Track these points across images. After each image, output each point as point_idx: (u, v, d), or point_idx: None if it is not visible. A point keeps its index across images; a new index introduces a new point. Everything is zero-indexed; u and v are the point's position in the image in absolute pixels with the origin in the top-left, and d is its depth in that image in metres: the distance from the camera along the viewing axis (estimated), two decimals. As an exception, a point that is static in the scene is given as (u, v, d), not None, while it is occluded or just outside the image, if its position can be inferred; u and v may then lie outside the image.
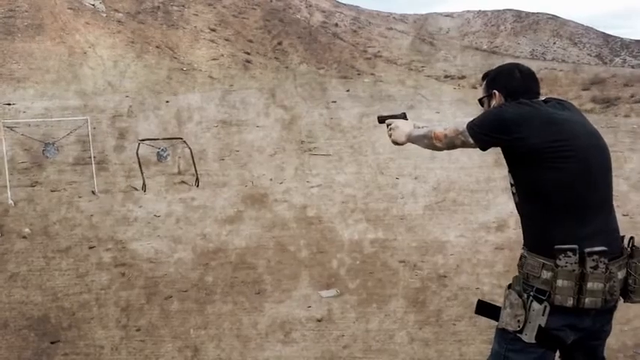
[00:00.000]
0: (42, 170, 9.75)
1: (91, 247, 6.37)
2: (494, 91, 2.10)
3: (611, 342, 3.50)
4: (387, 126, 2.46)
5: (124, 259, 5.99)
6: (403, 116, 2.48)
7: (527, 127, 1.87)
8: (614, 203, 2.01)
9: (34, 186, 8.85)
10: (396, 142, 2.41)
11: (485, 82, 2.19)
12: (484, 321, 3.35)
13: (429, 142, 2.18)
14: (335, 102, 17.02)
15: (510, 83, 2.07)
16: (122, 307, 4.71)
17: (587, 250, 1.80)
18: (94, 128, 11.67)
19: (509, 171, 2.00)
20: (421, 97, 18.65)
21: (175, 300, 4.85)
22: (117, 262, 5.89)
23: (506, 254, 5.92)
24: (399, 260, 5.86)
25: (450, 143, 2.09)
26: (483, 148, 2.01)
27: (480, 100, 2.21)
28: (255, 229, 7.14)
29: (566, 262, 1.81)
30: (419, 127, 2.31)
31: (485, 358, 2.12)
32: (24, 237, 6.65)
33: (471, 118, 2.03)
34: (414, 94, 18.94)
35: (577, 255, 1.80)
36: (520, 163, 1.93)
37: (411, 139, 2.32)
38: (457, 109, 16.90)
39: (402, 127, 2.38)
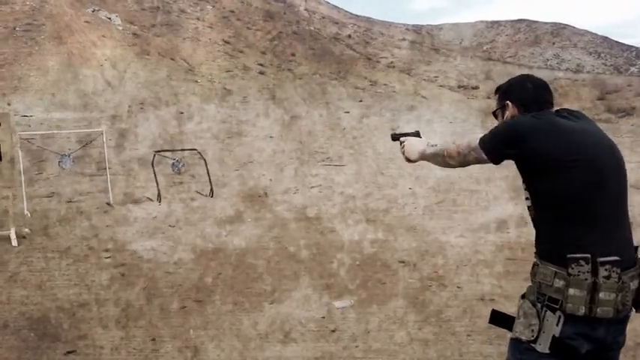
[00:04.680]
0: (52, 180, 9.73)
1: (90, 248, 6.37)
2: (508, 102, 2.12)
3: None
4: (400, 143, 2.49)
5: (124, 259, 5.99)
6: (416, 134, 2.53)
7: (539, 139, 1.88)
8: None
9: (50, 196, 8.84)
10: (408, 160, 2.44)
11: (498, 95, 2.22)
12: (484, 321, 3.35)
13: (442, 159, 2.20)
14: (348, 112, 16.97)
15: (523, 94, 2.10)
16: (122, 307, 4.71)
17: (600, 259, 1.80)
18: (110, 139, 11.67)
19: (524, 183, 2.01)
20: (421, 98, 18.67)
21: (175, 300, 4.85)
22: (117, 262, 5.89)
23: (507, 254, 5.93)
24: (398, 260, 5.86)
25: (463, 160, 2.11)
26: (496, 162, 2.02)
27: (494, 113, 2.24)
28: (255, 229, 7.14)
29: (579, 271, 1.80)
30: (432, 145, 2.33)
31: (485, 358, 2.11)
32: (23, 237, 6.65)
33: (481, 134, 2.04)
34: (414, 98, 18.99)
35: (590, 264, 1.79)
36: (532, 175, 1.94)
37: (424, 157, 2.35)
38: (458, 112, 16.93)
39: (415, 145, 2.41)
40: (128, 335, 4.18)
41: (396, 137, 2.58)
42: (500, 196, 8.29)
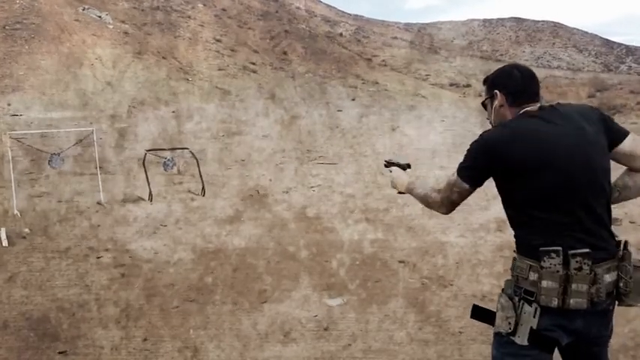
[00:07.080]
0: (47, 179, 9.72)
1: (90, 248, 6.37)
2: (496, 91, 2.13)
3: (612, 342, 3.50)
4: (390, 172, 2.59)
5: (124, 259, 5.99)
6: (407, 166, 2.63)
7: (507, 150, 1.93)
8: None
9: (41, 196, 8.83)
10: (395, 188, 2.53)
11: (486, 85, 2.23)
12: (484, 321, 3.34)
13: (429, 206, 2.23)
14: (341, 111, 16.95)
15: (510, 83, 2.11)
16: (122, 307, 4.70)
17: (571, 252, 1.84)
18: (101, 138, 11.66)
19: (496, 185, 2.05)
20: (420, 98, 18.68)
21: (175, 300, 4.85)
22: (116, 262, 5.88)
23: (506, 254, 5.92)
24: (398, 260, 5.86)
25: (449, 203, 2.13)
26: (478, 184, 2.05)
27: (483, 103, 2.24)
28: (254, 229, 7.14)
29: (550, 264, 1.85)
30: (419, 187, 2.34)
31: (485, 359, 2.12)
32: (23, 237, 6.64)
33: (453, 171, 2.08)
34: (415, 96, 18.99)
35: (561, 256, 1.84)
36: (502, 179, 1.99)
37: (412, 194, 2.38)
38: (458, 112, 16.92)
39: (401, 177, 2.49)
40: (128, 335, 4.18)
41: (388, 164, 2.70)
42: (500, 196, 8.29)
